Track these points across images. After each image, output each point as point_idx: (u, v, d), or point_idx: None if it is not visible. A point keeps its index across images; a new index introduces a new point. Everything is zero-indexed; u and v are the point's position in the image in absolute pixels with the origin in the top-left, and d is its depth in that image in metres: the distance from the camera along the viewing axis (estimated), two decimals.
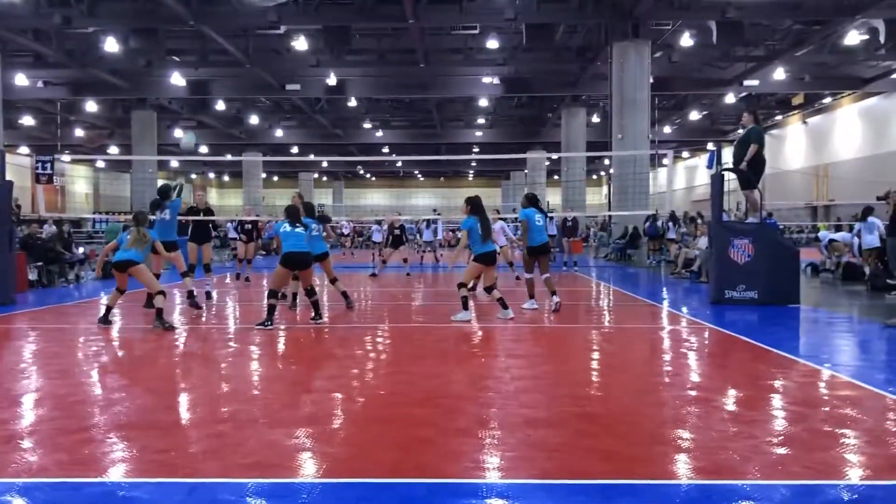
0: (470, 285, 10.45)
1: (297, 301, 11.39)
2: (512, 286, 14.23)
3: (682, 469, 4.02)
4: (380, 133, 43.48)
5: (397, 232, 18.46)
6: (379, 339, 8.74)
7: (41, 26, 23.19)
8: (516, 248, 16.12)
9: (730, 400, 5.64)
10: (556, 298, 10.76)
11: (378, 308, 12.46)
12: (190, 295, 11.38)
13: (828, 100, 36.38)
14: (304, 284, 9.77)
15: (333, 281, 11.56)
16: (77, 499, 3.59)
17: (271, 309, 9.22)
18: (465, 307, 9.85)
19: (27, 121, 37.86)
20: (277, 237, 9.85)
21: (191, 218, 13.60)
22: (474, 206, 10.08)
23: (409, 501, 3.55)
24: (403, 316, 11.15)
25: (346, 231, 32.93)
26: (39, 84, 29.77)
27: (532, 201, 11.03)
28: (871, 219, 14.72)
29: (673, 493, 3.66)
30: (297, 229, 9.60)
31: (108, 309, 9.51)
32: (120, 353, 7.88)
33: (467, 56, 27.51)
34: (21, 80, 27.84)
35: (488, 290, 10.14)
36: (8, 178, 12.37)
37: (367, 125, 42.18)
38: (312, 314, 9.68)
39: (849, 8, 21.04)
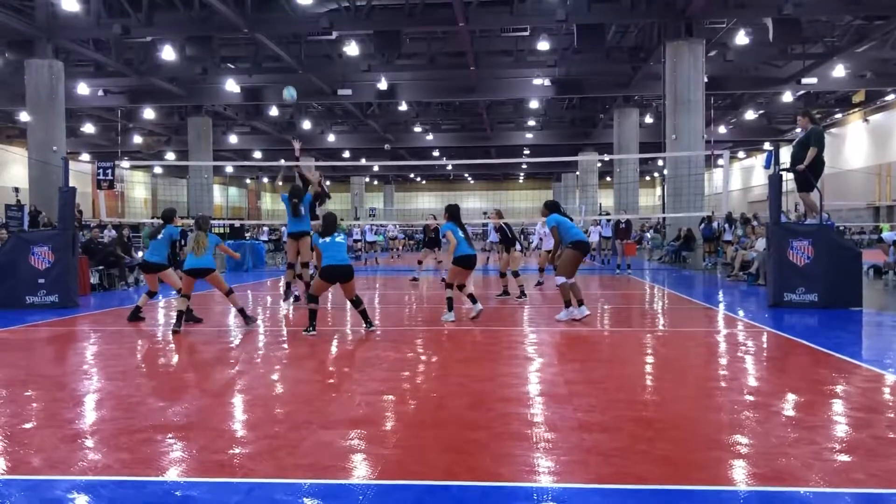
0: (456, 285, 10.43)
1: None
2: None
3: (740, 475, 3.94)
4: (430, 137, 43.65)
5: (433, 235, 18.51)
6: (430, 342, 8.76)
7: (101, 36, 23.94)
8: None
9: (789, 405, 5.51)
10: (572, 309, 10.06)
11: (423, 311, 12.49)
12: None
13: (890, 97, 35.34)
14: (348, 296, 9.30)
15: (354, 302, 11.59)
16: (140, 497, 3.68)
17: (313, 314, 9.01)
18: (450, 308, 10.24)
19: (88, 128, 39.00)
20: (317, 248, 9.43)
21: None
22: (451, 214, 10.66)
23: None
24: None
25: (368, 237, 30.75)
26: (100, 93, 30.68)
27: (554, 207, 10.52)
28: None
29: (731, 499, 3.59)
30: (337, 239, 9.13)
31: (180, 314, 9.50)
32: (178, 356, 8.05)
33: (517, 58, 27.46)
34: (83, 89, 28.72)
35: (460, 287, 10.47)
36: (71, 184, 12.74)
37: (418, 129, 42.38)
38: (364, 323, 9.36)
39: None
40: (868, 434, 4.61)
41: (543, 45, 24.78)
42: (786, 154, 12.61)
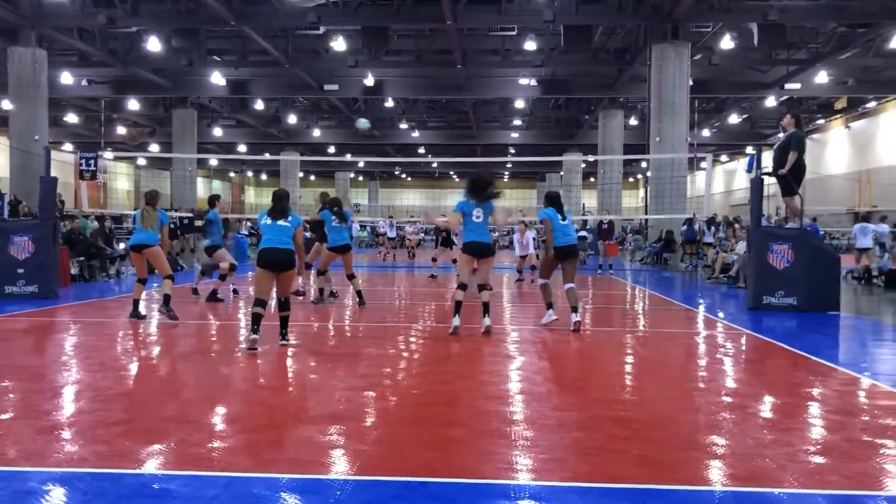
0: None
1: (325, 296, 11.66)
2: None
3: (716, 475, 3.98)
4: (416, 134, 43.62)
5: (445, 233, 18.44)
6: (412, 339, 8.77)
7: (86, 26, 23.73)
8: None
9: (766, 407, 5.57)
10: (575, 317, 9.11)
11: (411, 308, 12.50)
12: (359, 294, 11.71)
13: (872, 104, 35.67)
14: (280, 293, 7.81)
15: (350, 277, 11.67)
16: (117, 489, 3.66)
17: (255, 318, 7.54)
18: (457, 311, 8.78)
19: (71, 118, 38.63)
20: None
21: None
22: (551, 200, 9.50)
23: (441, 501, 3.56)
24: (434, 316, 11.16)
25: (389, 233, 30.36)
26: (83, 82, 30.38)
27: (552, 200, 9.60)
28: (864, 224, 17.04)
29: (707, 499, 3.63)
30: (280, 222, 7.74)
31: (136, 303, 9.72)
32: (158, 348, 8.01)
33: (504, 57, 27.49)
34: (66, 78, 28.44)
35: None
36: (52, 174, 12.64)
37: (404, 125, 42.33)
38: (280, 331, 7.81)
39: (895, 10, 20.63)
40: (842, 436, 4.66)
41: (530, 45, 24.82)
42: (768, 158, 12.72)
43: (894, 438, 4.62)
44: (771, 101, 33.32)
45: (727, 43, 23.71)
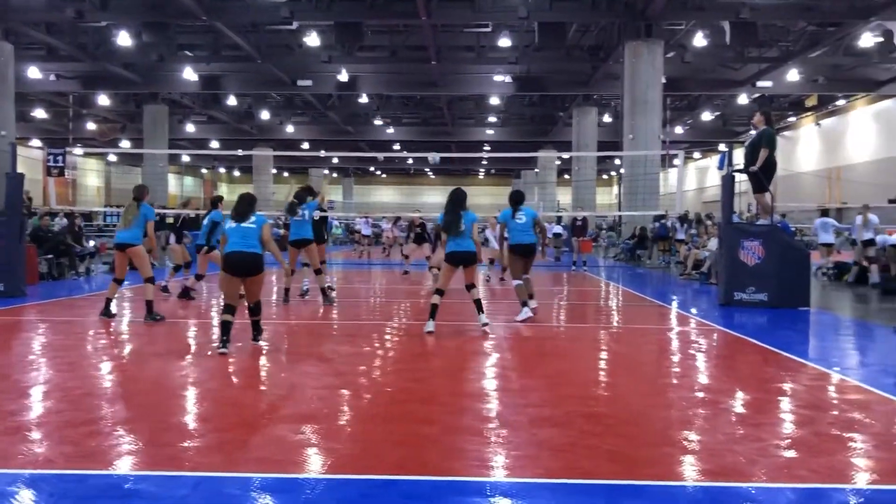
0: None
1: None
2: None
3: (688, 471, 4.00)
4: (391, 130, 43.51)
5: (419, 230, 18.45)
6: (386, 337, 8.74)
7: (54, 19, 23.32)
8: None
9: (737, 402, 5.61)
10: (526, 309, 9.60)
11: (384, 305, 12.46)
12: (323, 291, 11.59)
13: (841, 102, 36.17)
14: (249, 298, 7.61)
15: (318, 272, 11.56)
16: (82, 490, 3.61)
17: (224, 326, 7.29)
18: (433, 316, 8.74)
19: (39, 114, 38.06)
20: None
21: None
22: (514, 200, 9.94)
23: (413, 498, 3.55)
24: (409, 313, 11.13)
25: (364, 231, 30.16)
26: (52, 77, 29.93)
27: (511, 199, 10.10)
28: (824, 219, 17.38)
29: (678, 494, 3.64)
30: (245, 224, 7.47)
31: (108, 301, 9.55)
32: (128, 347, 7.90)
33: (479, 54, 27.47)
34: (34, 72, 28.00)
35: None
36: (19, 170, 12.43)
37: (378, 122, 42.20)
38: (252, 334, 7.71)
39: (863, 10, 20.90)
40: (811, 431, 4.71)
41: (505, 42, 24.82)
42: (740, 155, 12.84)
43: (862, 432, 4.68)
44: (743, 99, 33.65)
45: (700, 41, 23.89)
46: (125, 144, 43.57)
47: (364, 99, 35.06)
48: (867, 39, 23.96)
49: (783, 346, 7.79)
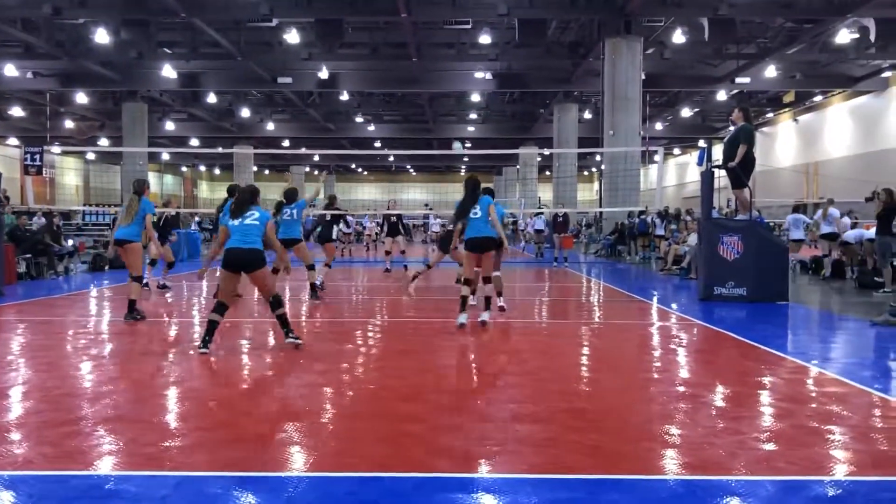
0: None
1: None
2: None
3: (669, 464, 4.03)
4: (372, 127, 43.44)
5: (394, 220, 17.65)
6: (368, 335, 8.74)
7: (31, 16, 23.06)
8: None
9: (717, 396, 5.67)
10: (485, 315, 9.04)
11: (367, 302, 12.45)
12: (312, 287, 11.78)
13: (818, 98, 36.50)
14: (264, 294, 7.50)
15: (310, 268, 11.62)
16: (63, 491, 3.58)
17: (210, 325, 7.17)
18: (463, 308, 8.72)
19: (16, 112, 37.65)
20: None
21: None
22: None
23: (396, 495, 3.56)
24: (392, 311, 11.13)
25: (345, 229, 29.84)
26: (29, 75, 29.60)
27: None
28: (796, 215, 17.59)
29: (659, 488, 3.67)
30: (248, 221, 7.34)
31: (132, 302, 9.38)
32: (108, 346, 7.84)
33: (460, 51, 27.49)
34: (10, 70, 27.69)
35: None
36: None
37: (359, 119, 42.12)
38: (284, 333, 7.46)
39: (840, 6, 21.12)
40: (790, 424, 4.77)
41: (485, 39, 24.83)
42: (719, 151, 12.93)
43: (840, 425, 4.74)
44: (722, 95, 33.90)
45: (679, 37, 24.02)
46: (104, 143, 43.20)
47: (345, 96, 34.99)
48: (844, 36, 24.17)
49: (762, 341, 7.86)
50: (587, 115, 38.21)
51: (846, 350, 8.08)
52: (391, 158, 60.51)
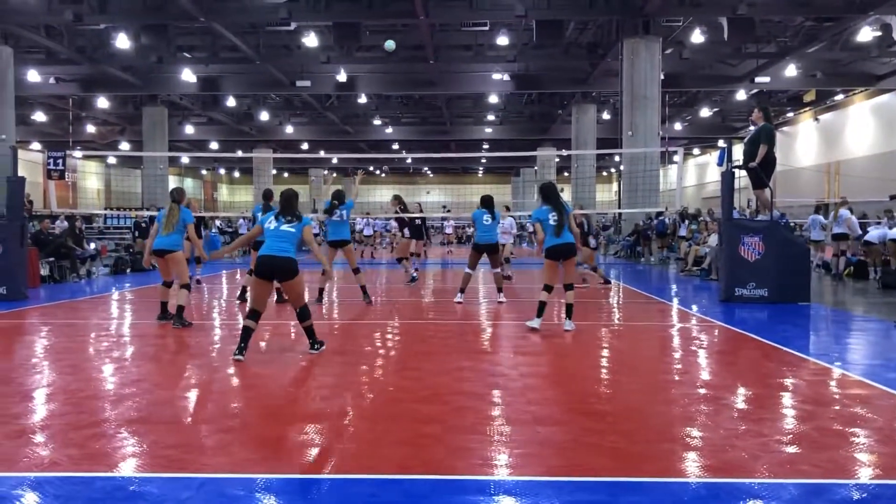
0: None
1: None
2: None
3: (690, 467, 4.01)
4: (389, 130, 43.50)
5: (418, 223, 16.79)
6: (388, 336, 8.76)
7: (53, 23, 23.32)
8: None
9: (739, 398, 5.63)
10: (499, 297, 11.66)
11: (387, 304, 12.47)
12: (364, 290, 11.84)
13: (840, 97, 36.11)
14: (294, 305, 7.40)
15: (356, 271, 11.67)
16: (88, 493, 3.62)
17: (245, 332, 7.06)
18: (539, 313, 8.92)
19: (39, 117, 38.03)
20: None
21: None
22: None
23: (416, 498, 3.56)
24: (413, 312, 11.14)
25: (366, 231, 30.10)
26: (51, 80, 29.92)
27: (482, 202, 12.14)
28: (815, 216, 17.85)
29: (680, 490, 3.66)
30: (285, 227, 7.21)
31: (163, 305, 9.46)
32: (131, 349, 7.91)
33: (477, 53, 27.46)
34: (33, 76, 28.00)
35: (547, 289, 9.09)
36: (20, 173, 12.44)
37: (377, 122, 42.19)
38: (310, 344, 7.42)
39: (861, 4, 20.88)
40: (813, 426, 4.73)
41: (503, 40, 24.80)
42: (739, 151, 12.85)
43: (863, 427, 4.70)
44: (741, 95, 33.66)
45: (698, 37, 23.86)
46: (125, 147, 43.56)
47: (363, 99, 35.06)
48: (865, 34, 23.90)
49: (784, 342, 7.80)
50: (605, 115, 38.04)
51: (870, 351, 7.99)
52: (409, 160, 60.56)
